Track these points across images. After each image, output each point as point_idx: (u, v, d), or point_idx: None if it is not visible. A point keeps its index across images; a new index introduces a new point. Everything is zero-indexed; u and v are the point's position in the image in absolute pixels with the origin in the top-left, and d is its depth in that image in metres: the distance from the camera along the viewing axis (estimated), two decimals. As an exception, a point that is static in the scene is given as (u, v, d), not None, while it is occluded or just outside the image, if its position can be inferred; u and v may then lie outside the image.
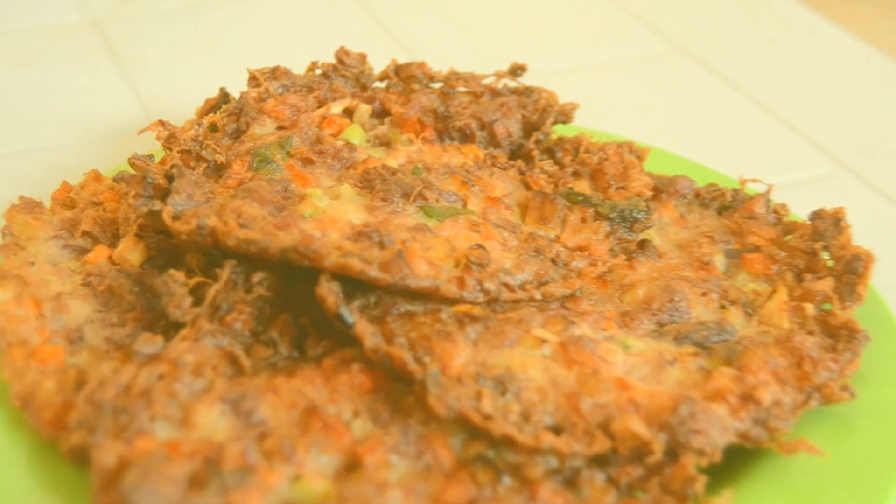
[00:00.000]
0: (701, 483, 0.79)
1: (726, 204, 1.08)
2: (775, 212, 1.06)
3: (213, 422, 0.80)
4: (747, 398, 0.85)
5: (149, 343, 0.84)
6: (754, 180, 1.09)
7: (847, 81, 1.47)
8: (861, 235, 1.04)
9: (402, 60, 1.25)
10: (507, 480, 0.80)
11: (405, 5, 1.60)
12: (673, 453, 0.82)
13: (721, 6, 1.68)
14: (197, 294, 0.90)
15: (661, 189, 1.09)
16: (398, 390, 0.85)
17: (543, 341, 0.89)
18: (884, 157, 1.30)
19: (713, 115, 1.40)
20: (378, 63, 1.22)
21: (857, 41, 1.53)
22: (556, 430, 0.82)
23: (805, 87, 1.46)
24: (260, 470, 0.77)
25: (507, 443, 0.81)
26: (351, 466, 0.79)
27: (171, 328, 0.89)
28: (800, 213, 1.06)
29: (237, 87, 1.17)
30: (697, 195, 1.09)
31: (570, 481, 0.81)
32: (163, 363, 0.83)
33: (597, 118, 1.26)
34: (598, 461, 0.82)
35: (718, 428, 0.83)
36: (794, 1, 1.67)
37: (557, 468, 0.82)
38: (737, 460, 0.86)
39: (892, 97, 1.45)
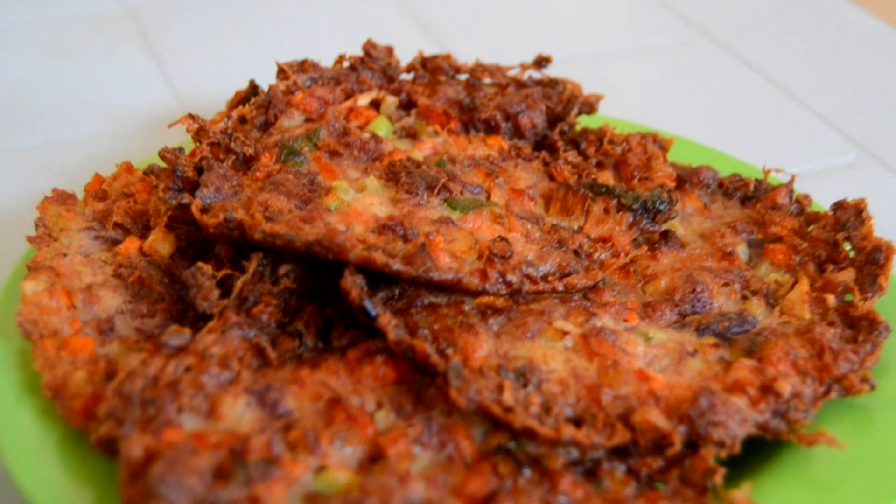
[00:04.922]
0: (720, 475, 0.78)
1: (749, 194, 1.07)
2: (798, 202, 1.05)
3: (239, 413, 0.79)
4: (767, 390, 0.84)
5: (176, 335, 0.84)
6: (777, 170, 1.07)
7: (875, 69, 1.45)
8: (886, 223, 1.02)
9: (429, 50, 1.24)
10: (527, 472, 0.78)
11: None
12: (693, 445, 0.81)
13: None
14: (224, 286, 0.89)
15: (685, 179, 1.09)
16: (421, 381, 0.84)
17: (565, 333, 0.88)
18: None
19: (738, 103, 1.38)
20: (405, 54, 1.21)
21: (887, 28, 1.51)
22: (577, 422, 0.81)
23: (831, 74, 1.43)
24: (284, 461, 0.76)
25: (528, 434, 0.80)
26: (374, 458, 0.78)
27: (200, 318, 0.88)
28: (824, 201, 1.04)
29: (267, 78, 1.16)
30: (721, 185, 1.08)
31: (591, 472, 0.80)
32: (190, 355, 0.82)
33: (621, 108, 1.24)
34: (619, 453, 0.81)
35: (738, 420, 0.81)
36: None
37: (578, 460, 0.80)
38: (756, 452, 0.84)
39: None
